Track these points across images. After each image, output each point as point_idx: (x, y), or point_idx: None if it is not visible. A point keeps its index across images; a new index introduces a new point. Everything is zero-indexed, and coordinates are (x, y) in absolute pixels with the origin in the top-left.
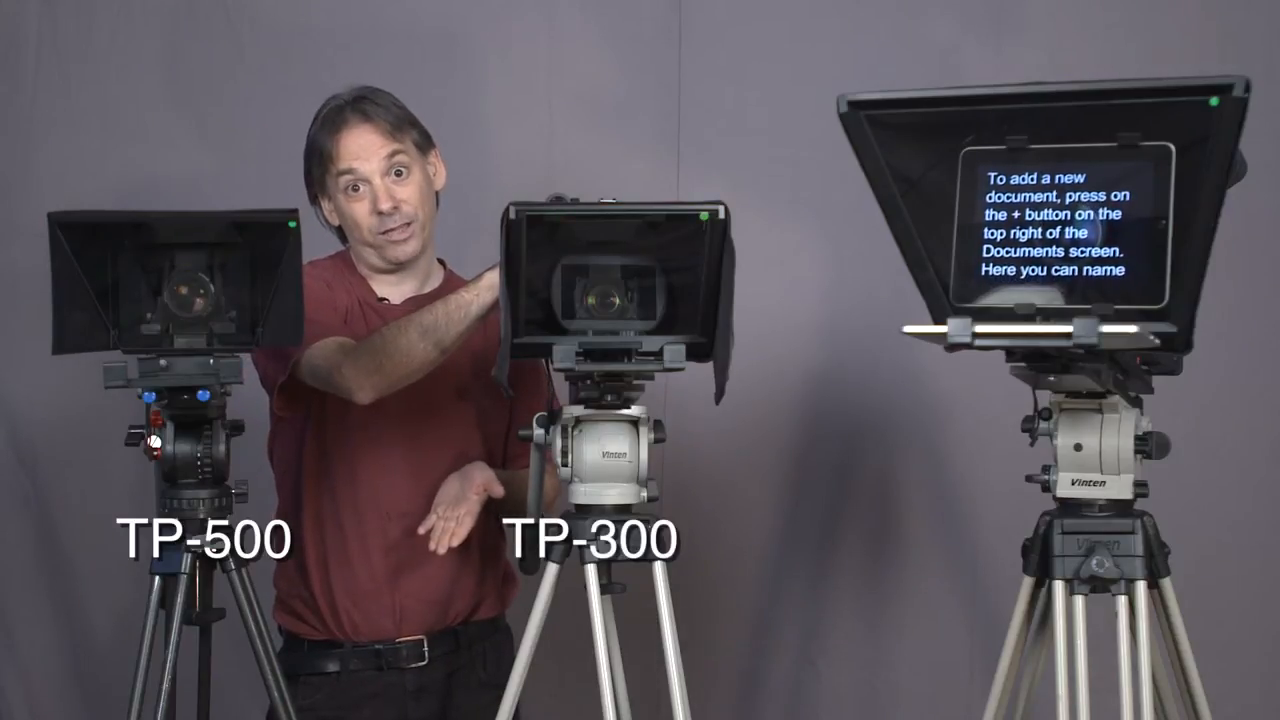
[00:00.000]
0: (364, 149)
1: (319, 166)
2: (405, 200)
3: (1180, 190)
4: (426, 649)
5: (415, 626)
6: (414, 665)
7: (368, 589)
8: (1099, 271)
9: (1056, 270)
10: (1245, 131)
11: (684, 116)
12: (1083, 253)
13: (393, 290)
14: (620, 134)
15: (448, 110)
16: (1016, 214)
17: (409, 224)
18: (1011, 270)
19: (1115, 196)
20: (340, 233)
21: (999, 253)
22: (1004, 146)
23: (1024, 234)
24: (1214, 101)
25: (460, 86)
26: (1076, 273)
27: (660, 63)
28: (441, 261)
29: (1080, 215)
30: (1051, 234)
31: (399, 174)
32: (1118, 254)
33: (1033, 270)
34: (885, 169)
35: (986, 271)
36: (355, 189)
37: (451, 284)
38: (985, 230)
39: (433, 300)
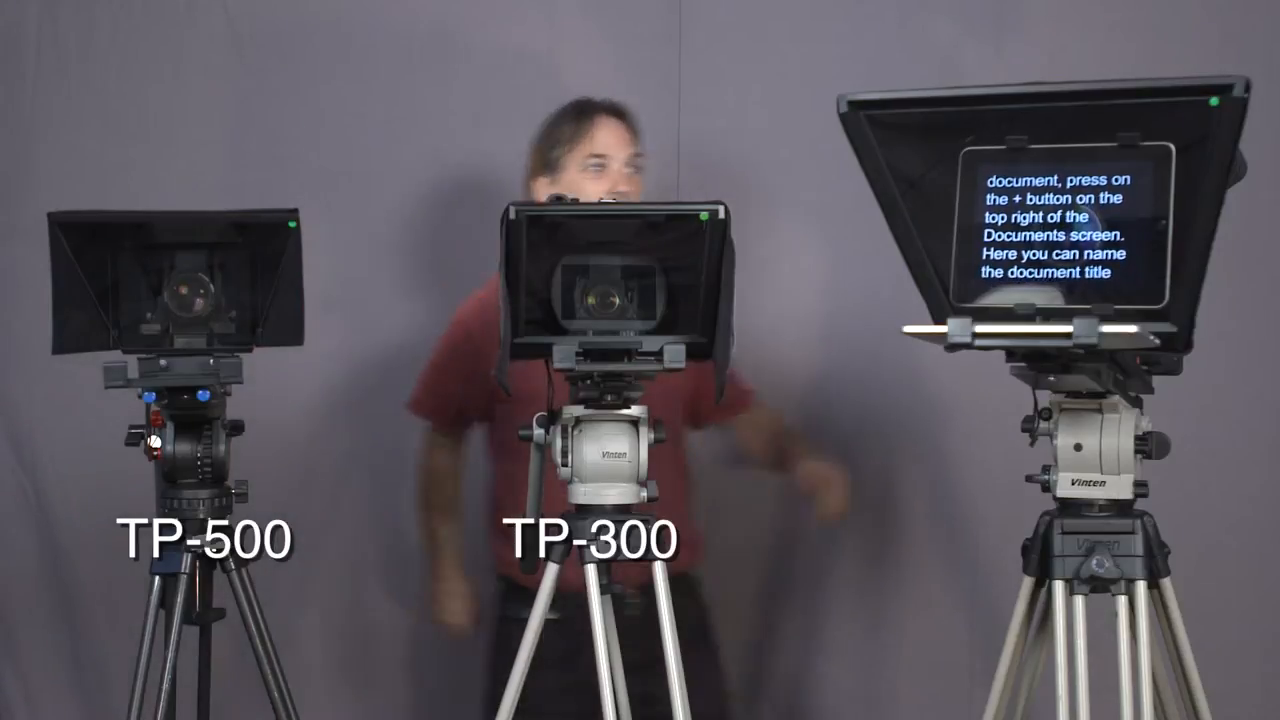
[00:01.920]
0: (617, 141)
1: (561, 146)
2: (631, 195)
3: (1180, 190)
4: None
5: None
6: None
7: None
8: (1099, 271)
9: (1056, 270)
10: (1245, 131)
11: (684, 116)
12: (1082, 253)
13: None
14: None
15: (448, 110)
16: (1016, 214)
17: None
18: (1011, 270)
19: (1115, 196)
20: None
21: (999, 253)
22: (1004, 146)
23: (1024, 234)
24: (1214, 101)
25: (460, 86)
26: (1076, 272)
27: (660, 63)
28: None
29: (1080, 215)
30: (1051, 234)
31: (633, 172)
32: (1118, 254)
33: (1033, 270)
34: (885, 169)
35: (986, 271)
36: (599, 168)
37: None
38: (985, 230)
39: None
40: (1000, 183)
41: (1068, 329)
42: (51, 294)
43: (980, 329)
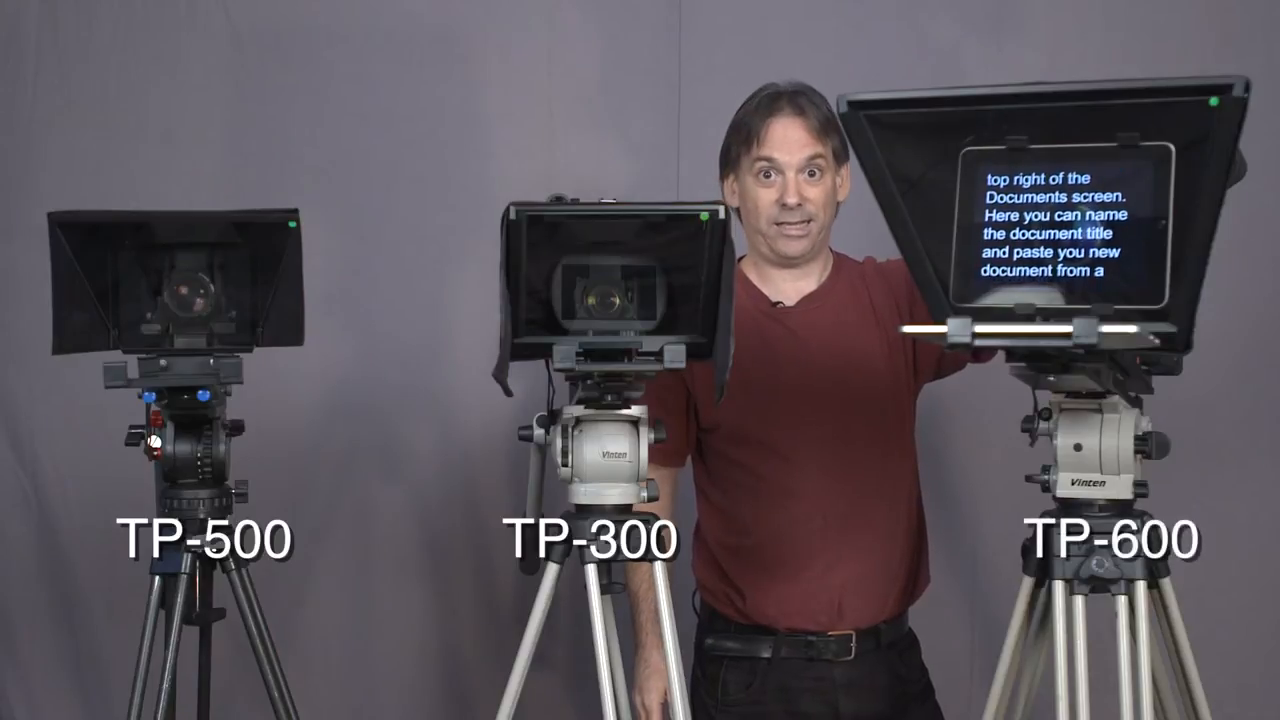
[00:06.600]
0: (789, 141)
1: (740, 144)
2: (811, 200)
3: (1180, 190)
4: (854, 644)
5: (849, 622)
6: (842, 659)
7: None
8: (1099, 271)
9: (1056, 270)
10: (1245, 131)
11: (684, 116)
12: (1082, 253)
13: (790, 288)
14: (620, 134)
15: (448, 110)
16: (1016, 214)
17: (808, 222)
18: (1011, 270)
19: (1115, 196)
20: (736, 214)
21: (999, 253)
22: (1004, 146)
23: (1024, 234)
24: (1214, 101)
25: (460, 86)
26: (1076, 273)
27: (660, 63)
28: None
29: (1080, 215)
30: (1051, 234)
31: (812, 174)
32: (1117, 254)
33: (1033, 270)
34: (885, 169)
35: (986, 271)
36: (767, 176)
37: (840, 268)
38: (985, 230)
39: (827, 295)
40: (1000, 183)
41: (1067, 329)
42: (51, 294)
43: (980, 329)
